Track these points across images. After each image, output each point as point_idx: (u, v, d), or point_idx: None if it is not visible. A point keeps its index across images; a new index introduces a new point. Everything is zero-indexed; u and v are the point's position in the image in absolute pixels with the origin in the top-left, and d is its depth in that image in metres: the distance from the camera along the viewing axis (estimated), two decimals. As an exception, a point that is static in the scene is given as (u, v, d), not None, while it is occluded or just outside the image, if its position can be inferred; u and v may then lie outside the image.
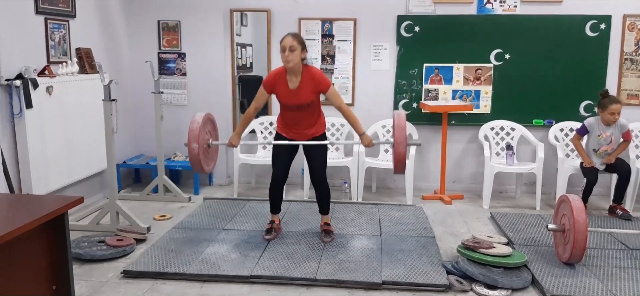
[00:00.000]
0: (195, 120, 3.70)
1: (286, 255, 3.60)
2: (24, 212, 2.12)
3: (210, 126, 3.93)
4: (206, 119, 3.81)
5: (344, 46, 5.35)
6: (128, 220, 4.09)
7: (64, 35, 4.46)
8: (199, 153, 3.65)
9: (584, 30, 5.08)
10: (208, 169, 3.88)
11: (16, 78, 3.85)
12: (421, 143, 3.81)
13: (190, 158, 3.69)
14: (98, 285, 3.22)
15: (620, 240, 3.94)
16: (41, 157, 4.06)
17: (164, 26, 5.45)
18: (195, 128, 3.65)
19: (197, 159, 3.67)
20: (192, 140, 3.63)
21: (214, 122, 4.00)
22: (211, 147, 3.90)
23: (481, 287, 3.17)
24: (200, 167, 3.73)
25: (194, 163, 3.71)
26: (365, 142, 3.71)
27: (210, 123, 3.93)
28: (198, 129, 3.65)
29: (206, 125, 3.83)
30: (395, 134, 3.57)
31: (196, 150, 3.63)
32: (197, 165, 3.71)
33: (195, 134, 3.63)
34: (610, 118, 4.45)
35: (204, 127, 3.76)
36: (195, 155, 3.65)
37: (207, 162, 3.84)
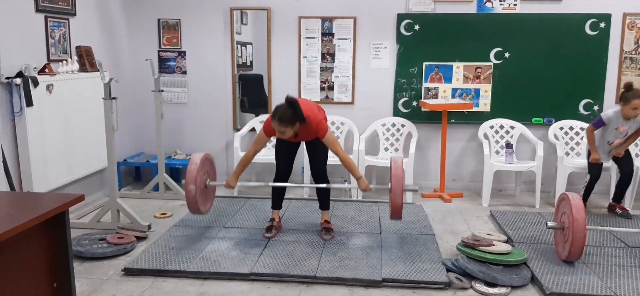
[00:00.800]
0: (194, 161, 3.69)
1: (286, 253, 3.61)
2: (25, 210, 2.12)
3: (209, 166, 3.91)
4: (204, 159, 3.80)
5: (344, 45, 5.35)
6: (129, 218, 4.10)
7: (64, 33, 4.46)
8: (196, 195, 3.64)
9: (583, 29, 5.09)
10: (204, 210, 3.84)
11: (16, 77, 3.86)
12: (418, 189, 3.83)
13: (187, 199, 3.67)
14: (99, 282, 3.23)
15: (620, 238, 3.95)
16: (41, 155, 4.06)
17: (164, 24, 5.45)
18: (193, 170, 3.64)
19: (193, 200, 3.65)
20: (189, 181, 3.62)
21: (212, 162, 3.98)
22: (208, 187, 3.88)
23: (481, 285, 3.18)
24: (197, 207, 3.70)
25: (190, 204, 3.69)
26: (362, 186, 3.70)
27: (209, 163, 3.92)
28: (195, 171, 3.64)
29: (204, 165, 3.81)
30: (392, 183, 3.55)
31: (193, 191, 3.62)
32: (193, 206, 3.69)
33: (193, 176, 3.62)
34: (631, 113, 4.31)
35: (201, 167, 3.74)
36: (191, 197, 3.64)
37: (203, 203, 3.81)
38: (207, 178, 3.86)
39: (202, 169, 3.77)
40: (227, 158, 5.65)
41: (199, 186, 3.68)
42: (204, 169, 3.81)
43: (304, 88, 5.45)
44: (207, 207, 3.90)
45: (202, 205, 3.78)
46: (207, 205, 3.91)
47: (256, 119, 5.49)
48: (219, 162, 5.62)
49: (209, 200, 3.95)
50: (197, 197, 3.66)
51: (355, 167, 3.78)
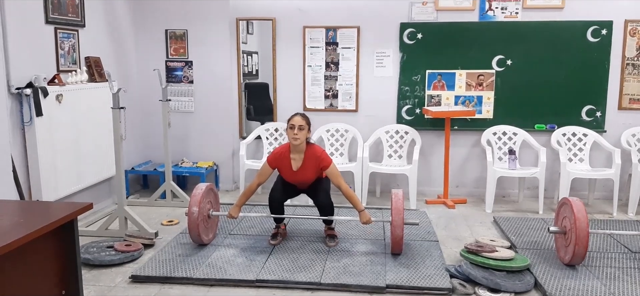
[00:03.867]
0: (198, 188, 3.80)
1: (291, 259, 3.65)
2: (34, 218, 2.15)
3: (212, 197, 3.97)
4: (208, 189, 3.86)
5: (348, 53, 5.41)
6: (136, 226, 4.16)
7: (73, 44, 4.54)
8: (198, 219, 3.68)
9: (585, 36, 5.11)
10: (206, 239, 3.87)
11: (26, 87, 3.93)
12: (418, 223, 3.87)
13: (189, 223, 3.70)
14: (106, 289, 3.28)
15: (622, 242, 3.96)
16: (51, 164, 4.13)
17: (171, 35, 5.53)
18: (197, 194, 3.72)
19: (195, 224, 3.68)
20: (193, 204, 3.67)
21: (216, 195, 4.04)
22: (211, 217, 3.92)
23: (484, 290, 3.21)
24: (198, 233, 3.72)
25: (192, 229, 3.71)
26: (364, 219, 3.76)
27: (213, 194, 3.98)
28: (200, 196, 3.72)
29: (208, 195, 3.87)
30: (392, 217, 3.61)
31: (196, 214, 3.66)
32: (195, 230, 3.70)
33: (197, 200, 3.69)
34: None
35: (206, 196, 3.80)
36: (194, 220, 3.66)
37: (205, 232, 3.84)
38: (210, 208, 3.90)
39: (206, 197, 3.83)
40: (233, 165, 5.70)
41: (201, 212, 3.73)
42: (208, 198, 3.87)
43: (309, 96, 5.51)
44: (209, 237, 3.92)
45: (204, 234, 3.81)
46: (209, 235, 3.94)
47: (262, 127, 5.54)
48: (225, 170, 5.70)
49: (211, 230, 3.98)
50: (199, 222, 3.71)
51: (357, 200, 3.84)
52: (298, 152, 3.79)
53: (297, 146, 3.74)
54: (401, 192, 3.78)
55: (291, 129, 3.71)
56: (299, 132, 3.69)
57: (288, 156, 3.81)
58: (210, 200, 3.92)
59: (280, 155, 3.84)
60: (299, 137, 3.69)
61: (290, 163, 3.81)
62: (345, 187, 3.77)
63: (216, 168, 5.67)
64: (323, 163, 3.78)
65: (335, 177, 3.79)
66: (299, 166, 3.80)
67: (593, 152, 5.18)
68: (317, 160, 3.78)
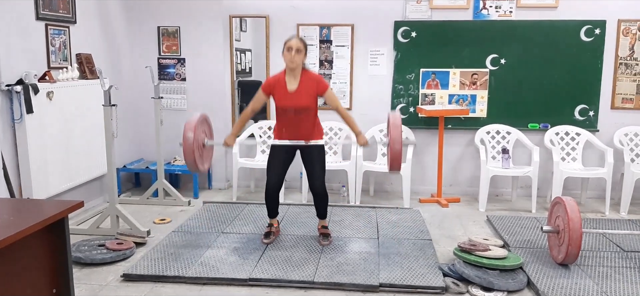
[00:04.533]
0: (193, 116, 3.70)
1: (284, 258, 3.64)
2: (25, 216, 2.15)
3: (206, 127, 3.89)
4: (203, 119, 3.79)
5: (342, 51, 5.40)
6: (128, 224, 4.13)
7: (64, 40, 4.50)
8: (193, 145, 3.55)
9: (579, 35, 5.13)
10: (202, 168, 3.78)
11: (17, 84, 3.89)
12: (416, 143, 3.82)
13: (184, 150, 3.57)
14: (98, 288, 3.26)
15: (615, 242, 3.98)
16: (41, 161, 4.09)
17: (163, 32, 5.50)
18: (192, 120, 3.63)
19: (190, 150, 3.55)
20: (187, 130, 3.57)
21: (209, 125, 3.95)
22: (206, 146, 3.84)
23: (477, 289, 3.21)
24: (193, 160, 3.59)
25: (187, 156, 3.57)
26: (361, 142, 3.76)
27: (206, 124, 3.89)
28: (195, 122, 3.62)
29: (202, 124, 3.78)
30: (390, 132, 3.58)
31: (191, 139, 3.54)
32: (190, 158, 3.57)
33: (192, 125, 3.58)
34: None
35: (200, 124, 3.72)
36: (189, 146, 3.54)
37: (201, 160, 3.75)
38: (204, 137, 3.82)
39: (201, 126, 3.74)
40: (226, 164, 5.68)
41: (197, 139, 3.63)
42: (202, 127, 3.78)
43: (302, 94, 5.48)
44: (204, 166, 3.83)
45: (200, 162, 3.71)
46: (205, 164, 3.85)
47: (255, 125, 5.52)
48: (218, 168, 5.68)
49: (207, 160, 3.90)
50: (195, 151, 3.61)
51: (354, 122, 3.81)
52: (294, 75, 3.72)
53: (294, 70, 3.68)
54: (399, 112, 3.75)
55: (288, 51, 3.64)
56: (296, 55, 3.63)
57: (283, 79, 3.74)
58: (204, 129, 3.84)
59: (275, 80, 3.76)
60: (295, 60, 3.64)
61: (285, 85, 3.72)
62: (342, 110, 3.78)
63: (209, 166, 5.63)
64: (320, 87, 3.73)
65: (333, 100, 3.78)
66: (295, 88, 3.71)
67: (586, 151, 5.20)
68: (315, 82, 3.72)
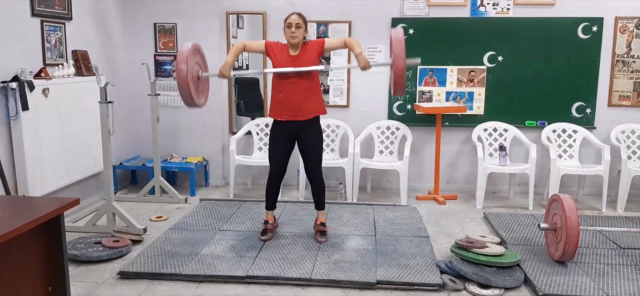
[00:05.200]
0: (184, 45, 3.54)
1: (282, 256, 3.63)
2: (20, 213, 2.13)
3: (200, 58, 3.74)
4: (195, 48, 3.64)
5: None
6: (124, 222, 4.11)
7: (60, 37, 4.48)
8: (187, 77, 3.40)
9: (576, 33, 5.13)
10: (199, 102, 3.67)
11: (12, 81, 3.87)
12: (420, 61, 3.75)
13: (179, 82, 3.42)
14: (94, 286, 3.24)
15: (612, 239, 3.99)
16: (37, 158, 4.07)
17: (160, 28, 5.47)
18: (184, 51, 3.46)
19: (185, 83, 3.39)
20: (180, 61, 3.39)
21: (203, 55, 3.81)
22: (201, 78, 3.67)
23: (474, 286, 3.21)
24: (189, 93, 3.44)
25: (182, 89, 3.43)
26: (362, 63, 3.61)
27: (200, 55, 3.74)
28: (187, 52, 3.45)
29: (195, 54, 3.62)
30: (393, 48, 3.48)
31: (184, 71, 3.38)
32: (186, 90, 3.42)
33: (184, 56, 3.42)
34: None
35: (193, 55, 3.56)
36: (183, 77, 3.38)
37: (197, 94, 3.59)
38: (198, 69, 3.69)
39: (194, 57, 3.60)
40: (223, 161, 5.67)
41: (191, 71, 3.49)
42: (195, 58, 3.64)
43: (299, 91, 5.47)
44: (201, 101, 3.72)
45: (196, 96, 3.58)
46: (201, 99, 3.73)
47: (252, 122, 5.51)
48: (214, 165, 5.66)
49: (203, 94, 3.77)
50: (190, 81, 3.47)
51: (355, 43, 3.72)
52: (296, 47, 3.76)
53: (295, 44, 3.72)
54: (401, 28, 3.72)
55: (288, 28, 3.68)
56: (296, 30, 3.67)
57: (286, 47, 3.78)
58: (197, 61, 3.69)
59: (280, 44, 3.80)
60: (296, 35, 3.67)
61: (288, 50, 3.76)
62: (342, 39, 3.80)
63: (206, 163, 5.63)
64: (319, 42, 3.77)
65: (333, 40, 3.90)
66: (297, 53, 3.75)
67: (583, 148, 5.21)
68: (314, 44, 3.76)
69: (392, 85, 3.58)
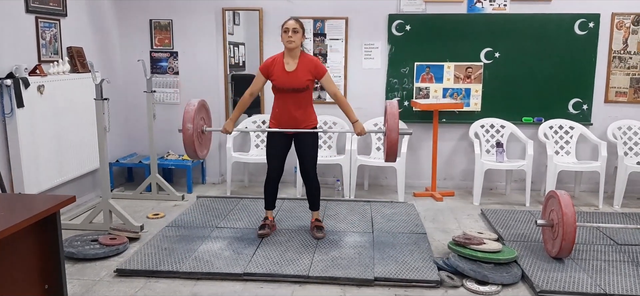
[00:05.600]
0: (191, 103, 3.74)
1: (279, 253, 3.62)
2: (16, 211, 2.12)
3: (204, 113, 3.94)
4: (201, 105, 3.83)
5: (336, 45, 5.37)
6: (121, 219, 4.10)
7: (55, 34, 4.45)
8: (193, 135, 3.65)
9: (572, 29, 5.14)
10: (201, 155, 3.86)
11: (7, 78, 3.84)
12: (412, 133, 3.84)
13: (184, 139, 3.66)
14: (91, 283, 3.23)
15: (609, 235, 4.00)
16: (33, 156, 4.05)
17: (155, 25, 5.44)
18: (190, 110, 3.68)
19: (190, 140, 3.65)
20: (187, 121, 3.64)
21: (208, 110, 4.01)
22: (205, 133, 3.91)
23: (472, 283, 3.21)
24: (194, 149, 3.70)
25: (187, 146, 3.68)
26: (358, 130, 3.75)
27: (205, 110, 3.94)
28: (193, 111, 3.68)
29: (201, 111, 3.84)
30: (387, 121, 3.58)
31: (190, 130, 3.63)
32: (190, 147, 3.68)
33: (191, 116, 3.66)
34: None
35: (198, 112, 3.77)
36: (189, 136, 3.64)
37: (200, 148, 3.83)
38: (203, 124, 3.89)
39: (199, 114, 3.80)
40: (220, 158, 5.65)
41: (196, 128, 3.70)
42: (200, 114, 3.83)
43: (296, 88, 5.46)
44: (203, 153, 3.91)
45: (199, 149, 3.80)
46: (204, 151, 3.93)
47: (249, 119, 5.50)
48: (211, 162, 5.65)
49: (206, 146, 3.97)
50: (195, 139, 3.69)
51: (351, 110, 3.79)
52: (292, 57, 3.72)
53: (292, 50, 3.69)
54: (396, 101, 3.78)
55: (285, 33, 3.66)
56: (293, 35, 3.64)
57: (281, 60, 3.75)
58: (203, 116, 3.89)
59: (273, 61, 3.77)
60: (293, 39, 3.65)
61: (283, 65, 3.73)
62: (340, 95, 3.79)
63: (202, 161, 5.61)
64: (319, 70, 3.74)
65: (331, 84, 3.79)
66: (294, 68, 3.71)
67: (579, 144, 5.22)
68: (313, 65, 3.72)
69: (385, 153, 3.70)
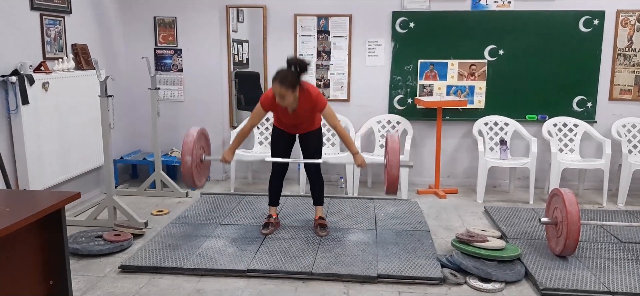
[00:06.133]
0: (190, 134, 3.77)
1: (282, 249, 3.63)
2: (21, 207, 2.13)
3: (204, 141, 3.99)
4: (200, 134, 3.87)
5: (340, 42, 5.37)
6: (125, 216, 4.11)
7: (59, 31, 4.46)
8: (192, 167, 3.72)
9: (577, 26, 5.12)
10: (200, 184, 3.92)
11: (12, 75, 3.86)
12: (413, 165, 3.85)
13: (183, 171, 3.74)
14: (95, 279, 3.25)
15: (612, 233, 3.99)
16: (37, 153, 4.07)
17: (160, 22, 5.45)
18: (189, 141, 3.72)
19: (189, 172, 3.72)
20: (186, 153, 3.70)
21: (207, 138, 4.05)
22: (204, 162, 3.96)
23: (475, 280, 3.21)
24: (192, 180, 3.78)
25: (186, 177, 3.76)
26: (358, 162, 3.76)
27: (204, 138, 3.99)
28: (192, 142, 3.73)
29: (200, 140, 3.89)
30: (388, 157, 3.60)
31: (189, 163, 3.70)
32: (189, 178, 3.76)
33: (190, 147, 3.71)
34: None
35: (198, 141, 3.83)
36: (188, 168, 3.71)
37: (199, 177, 3.89)
38: (202, 153, 3.93)
39: (198, 143, 3.84)
40: (223, 155, 5.66)
41: (195, 159, 3.75)
42: (200, 143, 3.88)
43: (300, 85, 5.46)
44: (202, 182, 3.97)
45: (198, 179, 3.86)
46: (202, 179, 3.99)
47: (252, 117, 5.49)
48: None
49: (204, 175, 4.03)
50: (193, 169, 3.74)
51: (352, 142, 3.79)
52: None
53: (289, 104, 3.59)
54: (397, 135, 3.76)
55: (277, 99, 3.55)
56: (283, 99, 3.50)
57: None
58: (202, 145, 3.94)
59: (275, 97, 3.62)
60: (287, 103, 3.54)
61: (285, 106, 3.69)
62: (340, 128, 3.73)
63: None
64: (319, 105, 3.67)
65: (331, 117, 3.71)
66: (295, 108, 3.67)
67: (583, 142, 5.20)
68: (313, 102, 3.64)
69: (385, 186, 3.72)
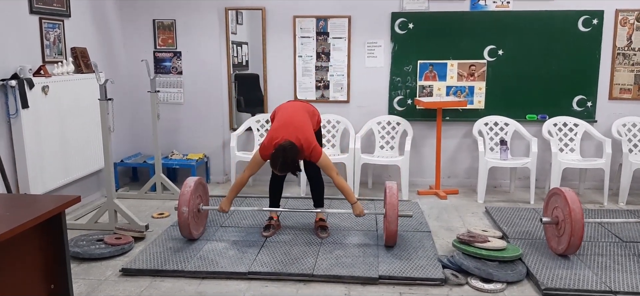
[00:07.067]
0: (187, 184, 3.73)
1: (283, 251, 3.63)
2: (21, 211, 2.12)
3: (202, 190, 3.94)
4: (198, 184, 3.83)
5: (339, 43, 5.37)
6: (126, 219, 4.11)
7: (59, 34, 4.46)
8: (188, 218, 3.65)
9: (576, 26, 5.12)
10: (196, 234, 3.84)
11: (12, 79, 3.86)
12: (412, 215, 3.84)
13: (180, 222, 3.67)
14: (96, 283, 3.24)
15: (614, 232, 3.98)
16: (38, 156, 4.06)
17: (159, 25, 5.45)
18: (186, 192, 3.68)
19: (186, 223, 3.66)
20: (182, 204, 3.65)
21: (205, 187, 4.01)
22: (201, 211, 3.91)
23: (476, 281, 3.21)
24: (189, 231, 3.70)
25: (182, 227, 3.70)
26: (357, 211, 3.74)
27: (202, 187, 3.95)
28: (189, 193, 3.68)
29: (197, 189, 3.84)
30: (386, 210, 3.60)
31: (186, 213, 3.64)
32: (185, 229, 3.69)
33: (186, 199, 3.66)
34: None
35: (195, 191, 3.77)
36: (184, 219, 3.65)
37: (196, 227, 3.83)
38: (200, 202, 3.88)
39: (196, 193, 3.80)
40: (224, 157, 5.66)
41: (191, 210, 3.70)
42: (197, 193, 3.83)
43: (300, 87, 5.46)
44: (199, 231, 3.89)
45: (194, 229, 3.79)
46: (200, 229, 3.92)
47: (252, 118, 5.50)
48: (215, 162, 5.66)
49: (201, 224, 3.96)
50: (190, 220, 3.68)
51: (350, 192, 3.77)
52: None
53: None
54: (395, 184, 3.76)
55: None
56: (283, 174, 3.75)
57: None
58: (199, 194, 3.89)
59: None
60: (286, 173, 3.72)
61: None
62: (337, 179, 3.71)
63: (206, 160, 5.62)
64: (313, 157, 3.69)
65: (327, 168, 3.71)
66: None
67: (584, 141, 5.20)
68: (308, 155, 3.68)
69: (384, 237, 3.73)
